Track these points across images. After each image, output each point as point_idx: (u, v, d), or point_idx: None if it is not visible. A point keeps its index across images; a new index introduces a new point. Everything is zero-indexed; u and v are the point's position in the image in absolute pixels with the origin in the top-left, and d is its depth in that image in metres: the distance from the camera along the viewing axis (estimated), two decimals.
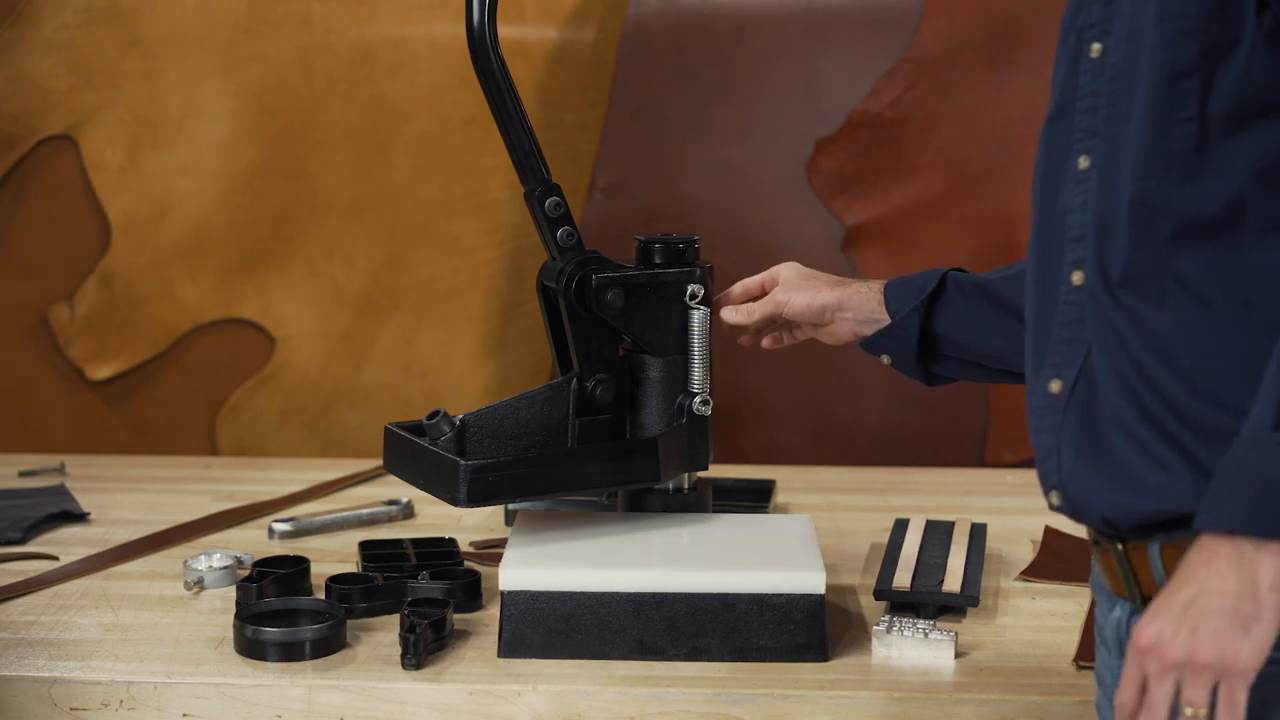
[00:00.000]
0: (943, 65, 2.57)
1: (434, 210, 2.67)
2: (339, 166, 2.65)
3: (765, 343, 1.80)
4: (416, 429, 1.73)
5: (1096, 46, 1.22)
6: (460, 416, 1.70)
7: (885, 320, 1.68)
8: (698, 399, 1.74)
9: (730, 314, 1.75)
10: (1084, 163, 1.22)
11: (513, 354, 2.71)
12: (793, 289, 1.72)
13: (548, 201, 1.72)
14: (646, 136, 2.66)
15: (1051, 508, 1.27)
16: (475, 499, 1.60)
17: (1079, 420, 1.22)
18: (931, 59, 2.57)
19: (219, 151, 2.64)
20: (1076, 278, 1.23)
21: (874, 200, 2.61)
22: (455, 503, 1.60)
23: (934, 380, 1.71)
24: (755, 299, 1.76)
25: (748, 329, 1.77)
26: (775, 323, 1.77)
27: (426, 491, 1.68)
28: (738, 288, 1.77)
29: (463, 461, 1.60)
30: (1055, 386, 1.24)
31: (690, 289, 1.75)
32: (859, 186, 2.62)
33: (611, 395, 1.72)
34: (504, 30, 2.69)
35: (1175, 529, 1.17)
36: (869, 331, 1.70)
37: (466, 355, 2.71)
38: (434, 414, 1.69)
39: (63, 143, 2.64)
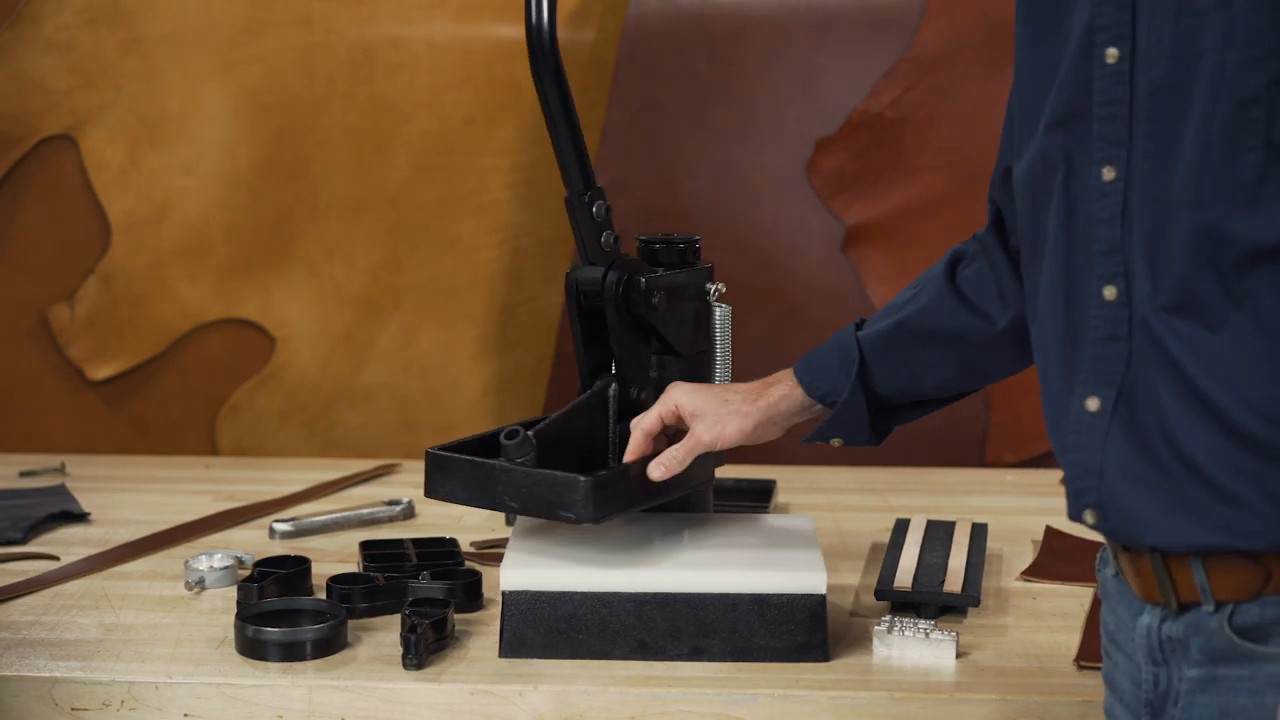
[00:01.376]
0: (943, 65, 2.57)
1: (434, 210, 2.67)
2: (339, 166, 2.65)
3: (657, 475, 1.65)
4: (466, 448, 1.67)
5: (1113, 52, 1.19)
6: (531, 433, 1.64)
7: (809, 404, 1.62)
8: None
9: (660, 471, 1.60)
10: (1108, 174, 1.19)
11: (513, 354, 2.71)
12: (713, 421, 1.61)
13: (596, 205, 1.70)
14: (646, 136, 2.66)
15: (1084, 524, 1.24)
16: (601, 513, 1.57)
17: (1125, 440, 1.19)
18: (931, 59, 2.57)
19: (219, 151, 2.64)
20: (1109, 293, 1.20)
21: (874, 200, 2.61)
22: (578, 520, 1.56)
23: (883, 438, 1.64)
24: (663, 435, 1.66)
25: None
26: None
27: (511, 512, 1.62)
28: (640, 436, 1.64)
29: (582, 478, 1.56)
30: (1093, 404, 1.21)
31: (714, 287, 1.75)
32: (859, 186, 2.62)
33: (652, 399, 1.72)
34: (504, 30, 2.70)
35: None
36: (802, 420, 1.64)
37: (466, 355, 2.71)
38: (514, 433, 1.62)
39: (63, 143, 2.64)
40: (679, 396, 1.64)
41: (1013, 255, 1.54)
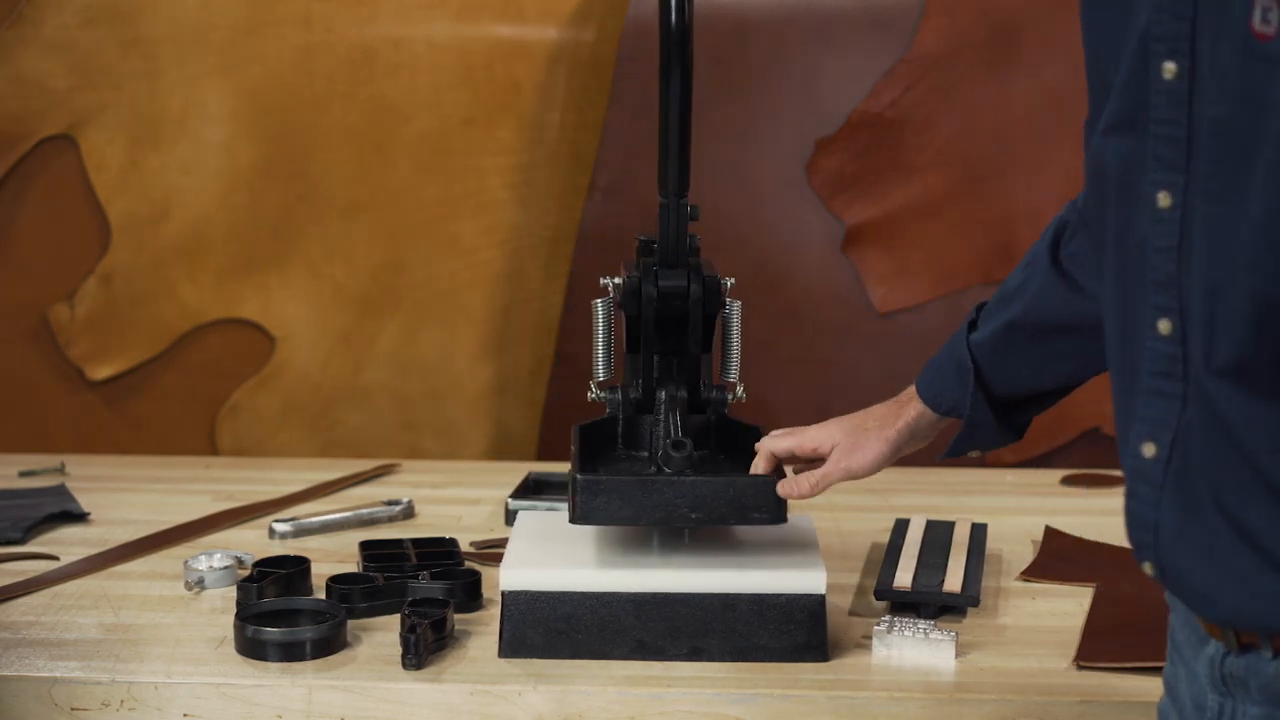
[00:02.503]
0: (943, 65, 2.57)
1: (434, 210, 2.67)
2: (339, 166, 2.65)
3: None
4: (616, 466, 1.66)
5: (1170, 67, 1.09)
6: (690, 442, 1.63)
7: (934, 419, 1.61)
8: (741, 388, 1.77)
9: (786, 489, 1.59)
10: (1164, 200, 1.10)
11: (513, 354, 2.71)
12: (845, 451, 1.62)
13: (692, 209, 1.72)
14: (646, 136, 2.65)
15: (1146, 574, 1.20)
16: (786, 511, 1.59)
17: (1179, 498, 1.12)
18: (931, 59, 2.57)
19: (219, 151, 2.64)
20: (1164, 326, 1.12)
21: (874, 200, 2.61)
22: (776, 522, 1.58)
23: (1022, 432, 1.62)
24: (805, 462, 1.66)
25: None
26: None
27: (689, 525, 1.60)
28: (766, 456, 1.64)
29: (773, 477, 1.58)
30: (1149, 450, 1.14)
31: (728, 282, 1.75)
32: (859, 186, 2.61)
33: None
34: (504, 30, 2.70)
35: None
36: (944, 426, 1.63)
37: (466, 355, 2.71)
38: (681, 443, 1.60)
39: (63, 143, 2.64)
40: (817, 431, 1.64)
41: None
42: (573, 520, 1.59)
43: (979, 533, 1.96)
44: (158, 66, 2.61)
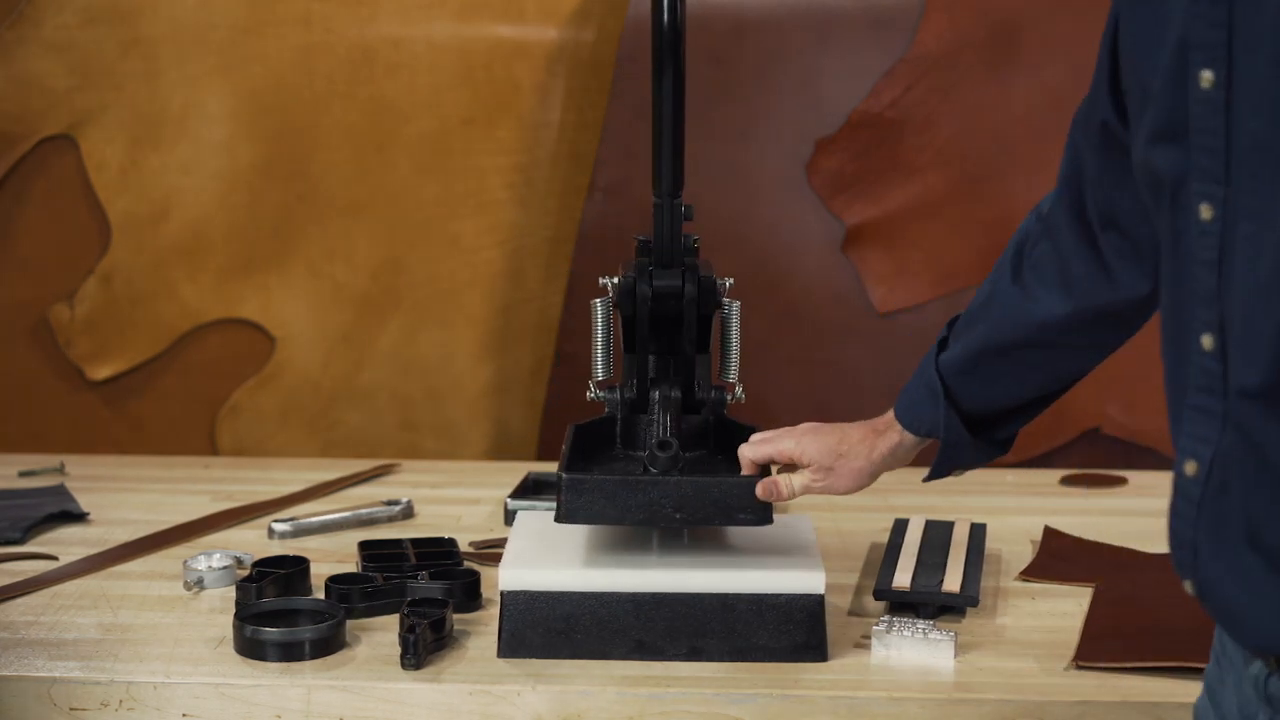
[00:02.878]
0: (943, 65, 2.57)
1: (434, 210, 2.67)
2: (339, 166, 2.65)
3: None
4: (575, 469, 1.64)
5: (1207, 76, 1.06)
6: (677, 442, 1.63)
7: (914, 440, 1.58)
8: (740, 389, 1.77)
9: (762, 490, 1.58)
10: (1206, 213, 1.08)
11: (513, 354, 2.71)
12: (825, 474, 1.60)
13: (687, 209, 1.72)
14: (647, 136, 2.64)
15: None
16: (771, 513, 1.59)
17: (1216, 520, 1.10)
18: (931, 59, 2.57)
19: (219, 151, 2.64)
20: (1207, 341, 1.10)
21: (874, 200, 2.61)
22: (761, 523, 1.57)
23: (1007, 446, 1.59)
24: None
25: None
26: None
27: (674, 525, 1.59)
28: (748, 466, 1.62)
29: (758, 478, 1.58)
30: (1190, 469, 1.12)
31: (727, 282, 1.75)
32: (859, 186, 2.61)
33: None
34: (504, 30, 2.70)
35: None
36: (923, 447, 1.60)
37: (466, 355, 2.71)
38: (667, 443, 1.60)
39: (63, 143, 2.64)
40: (794, 444, 1.60)
41: (1085, 226, 1.42)
42: (557, 519, 1.59)
43: (978, 533, 1.96)
44: (158, 66, 2.61)
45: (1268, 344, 1.04)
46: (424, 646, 1.56)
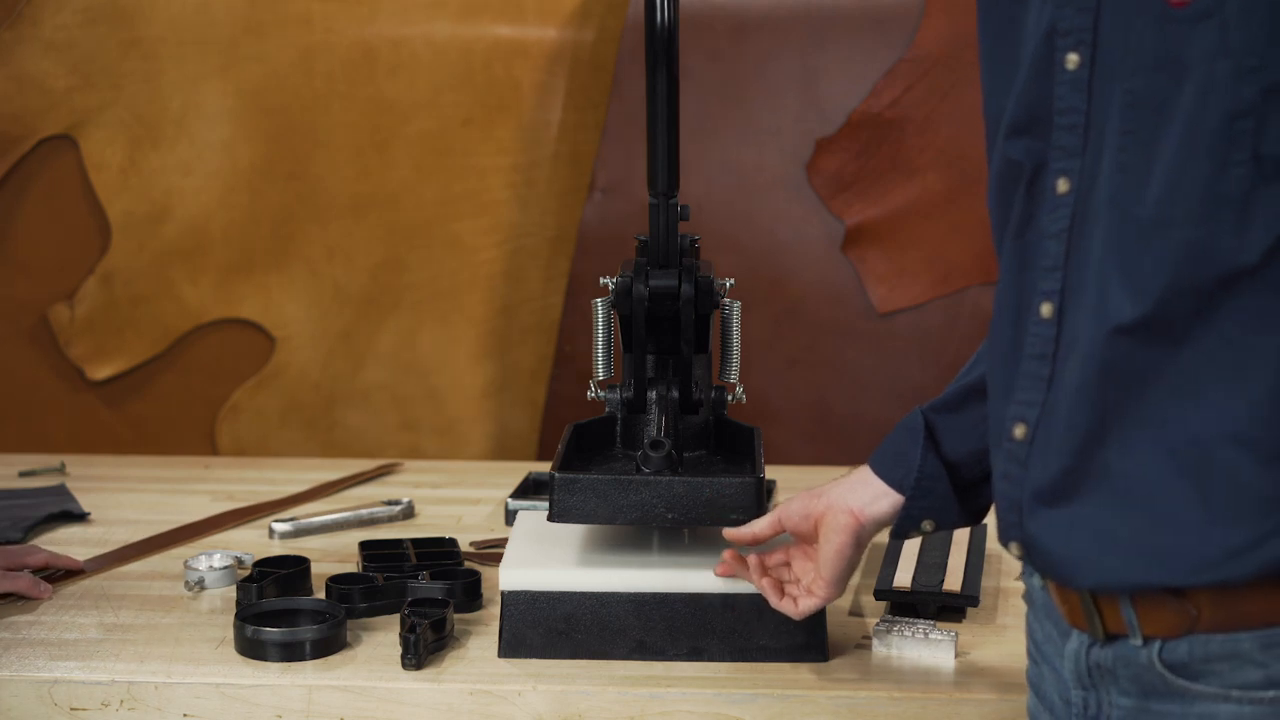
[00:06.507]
0: (943, 65, 2.57)
1: (434, 210, 2.67)
2: (339, 166, 2.65)
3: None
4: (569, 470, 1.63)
5: (1073, 58, 1.14)
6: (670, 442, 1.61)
7: (899, 500, 1.46)
8: (741, 389, 1.77)
9: (740, 536, 1.55)
10: (1063, 186, 1.16)
11: (513, 354, 2.72)
12: (810, 553, 1.54)
13: (683, 209, 1.72)
14: (645, 137, 2.66)
15: (1011, 554, 1.22)
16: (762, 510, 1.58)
17: (1047, 472, 1.16)
18: (931, 59, 2.57)
19: (219, 151, 2.64)
20: (1045, 310, 1.17)
21: (874, 200, 2.61)
22: (748, 521, 1.56)
23: (980, 517, 1.48)
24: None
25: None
26: None
27: (666, 525, 1.58)
28: (749, 541, 1.56)
29: (750, 480, 1.57)
30: (1020, 432, 1.18)
31: (727, 282, 1.75)
32: (859, 186, 2.62)
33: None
34: (504, 30, 2.70)
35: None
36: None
37: (466, 355, 2.72)
38: (659, 443, 1.59)
39: (63, 143, 2.64)
40: (789, 517, 1.54)
41: None
42: (550, 518, 1.59)
43: (978, 532, 1.96)
44: (158, 66, 2.61)
45: (1145, 274, 1.10)
46: (424, 646, 1.56)
